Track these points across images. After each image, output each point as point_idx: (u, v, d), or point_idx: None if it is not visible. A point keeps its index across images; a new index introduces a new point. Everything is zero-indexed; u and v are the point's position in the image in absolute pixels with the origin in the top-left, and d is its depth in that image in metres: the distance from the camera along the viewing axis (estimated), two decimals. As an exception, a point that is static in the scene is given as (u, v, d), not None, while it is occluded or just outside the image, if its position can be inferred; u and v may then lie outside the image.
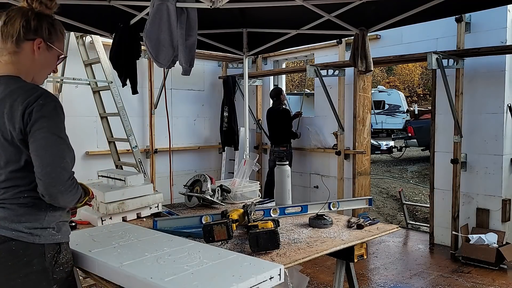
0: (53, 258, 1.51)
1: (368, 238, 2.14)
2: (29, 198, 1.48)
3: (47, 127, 1.41)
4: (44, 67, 1.60)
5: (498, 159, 4.71)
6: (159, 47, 2.50)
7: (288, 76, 14.89)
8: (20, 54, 1.54)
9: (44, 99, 1.44)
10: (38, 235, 1.48)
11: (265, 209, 2.50)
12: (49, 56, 1.60)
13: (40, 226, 1.49)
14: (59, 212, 1.56)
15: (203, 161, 7.00)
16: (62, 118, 1.48)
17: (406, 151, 13.49)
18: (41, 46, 1.56)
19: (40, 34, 1.55)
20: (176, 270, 1.49)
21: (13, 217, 1.46)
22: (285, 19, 3.65)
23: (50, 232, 1.51)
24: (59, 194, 1.43)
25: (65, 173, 1.43)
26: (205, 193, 2.82)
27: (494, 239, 4.47)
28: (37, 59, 1.56)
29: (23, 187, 1.48)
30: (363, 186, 5.91)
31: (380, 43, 5.67)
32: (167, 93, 6.01)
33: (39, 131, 1.40)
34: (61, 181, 1.42)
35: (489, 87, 4.72)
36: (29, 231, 1.46)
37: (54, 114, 1.44)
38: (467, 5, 3.20)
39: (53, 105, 1.45)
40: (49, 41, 1.57)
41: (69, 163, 1.45)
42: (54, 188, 1.41)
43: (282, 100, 6.29)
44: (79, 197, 1.57)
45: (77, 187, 1.52)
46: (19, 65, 1.54)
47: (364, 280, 4.15)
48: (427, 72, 24.41)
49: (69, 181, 1.45)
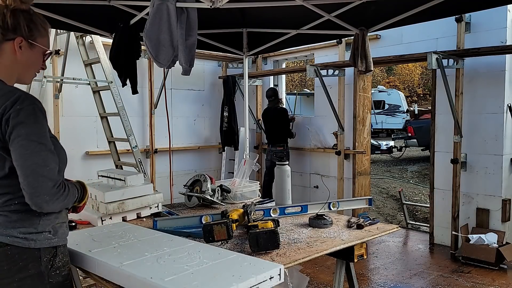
0: (49, 262, 1.48)
1: (368, 238, 2.14)
2: (19, 204, 1.43)
3: (25, 134, 1.34)
4: (28, 66, 1.52)
5: (498, 159, 4.72)
6: (159, 47, 2.50)
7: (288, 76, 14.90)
8: (1, 56, 1.46)
9: (21, 103, 1.36)
10: (34, 239, 1.45)
11: (265, 209, 2.50)
12: (33, 54, 1.51)
13: (35, 231, 1.46)
14: (55, 215, 1.51)
15: (203, 161, 7.00)
16: (42, 121, 1.39)
17: (406, 151, 13.49)
18: (23, 45, 1.47)
19: (19, 33, 1.46)
20: (176, 270, 1.48)
21: (7, 223, 1.43)
22: (285, 19, 3.65)
23: (46, 236, 1.48)
24: (44, 204, 1.38)
25: (48, 182, 1.36)
26: (205, 193, 2.81)
27: (494, 239, 4.47)
28: (19, 59, 1.48)
29: (11, 194, 1.43)
30: (363, 186, 5.92)
31: (380, 43, 5.67)
32: (167, 93, 6.01)
33: (18, 139, 1.34)
34: (44, 190, 1.36)
35: (489, 87, 4.72)
36: (24, 236, 1.43)
37: (32, 119, 1.36)
38: (467, 5, 3.20)
39: (31, 109, 1.37)
40: (30, 39, 1.48)
41: (52, 170, 1.39)
42: (38, 198, 1.36)
43: (280, 99, 6.30)
44: (72, 201, 1.53)
45: (66, 193, 1.45)
46: (1, 69, 1.47)
47: (364, 280, 4.15)
48: (427, 72, 24.41)
49: (54, 189, 1.39)
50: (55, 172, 1.40)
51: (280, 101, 6.31)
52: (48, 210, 1.43)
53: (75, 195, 1.55)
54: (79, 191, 1.61)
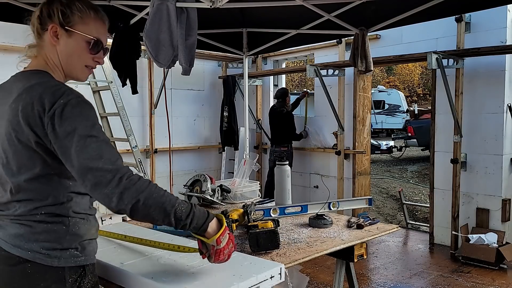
0: (75, 283, 1.29)
1: (368, 238, 2.14)
2: (46, 215, 1.26)
3: (72, 130, 1.18)
4: (70, 57, 1.37)
5: (498, 159, 4.72)
6: (159, 47, 2.50)
7: (288, 76, 14.89)
8: (44, 46, 1.36)
9: (66, 96, 1.22)
10: (58, 256, 1.26)
11: (265, 209, 2.50)
12: (72, 43, 1.35)
13: (60, 247, 1.27)
14: (84, 230, 1.33)
15: (203, 161, 7.00)
16: (89, 113, 1.24)
17: (406, 151, 13.49)
18: (59, 33, 1.34)
19: (53, 19, 1.33)
20: (177, 270, 1.49)
21: (30, 235, 1.25)
22: (285, 19, 3.66)
23: (72, 253, 1.29)
24: (107, 199, 1.17)
25: (107, 174, 1.16)
26: (205, 193, 2.82)
27: (494, 239, 4.47)
28: (59, 49, 1.35)
29: (38, 202, 1.26)
30: (363, 186, 5.92)
31: (380, 43, 5.67)
32: (167, 93, 6.00)
33: (67, 138, 1.18)
34: (103, 184, 1.16)
35: (489, 87, 4.73)
36: (46, 252, 1.25)
37: (78, 112, 1.21)
38: (467, 5, 3.20)
39: (75, 102, 1.22)
40: (67, 25, 1.34)
41: (109, 160, 1.19)
42: (100, 193, 1.17)
43: (287, 103, 6.24)
44: (161, 202, 1.22)
45: (136, 184, 1.19)
46: (45, 59, 1.36)
47: (364, 280, 4.15)
48: (427, 72, 24.41)
49: (115, 180, 1.16)
50: (114, 162, 1.19)
51: (287, 103, 6.24)
52: (121, 207, 1.18)
53: (174, 201, 1.24)
54: (192, 211, 1.28)
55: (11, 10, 2.98)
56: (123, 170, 1.19)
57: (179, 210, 1.24)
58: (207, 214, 1.33)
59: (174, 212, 1.23)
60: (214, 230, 1.33)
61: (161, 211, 1.22)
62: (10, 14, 3.10)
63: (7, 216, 1.29)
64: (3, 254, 1.27)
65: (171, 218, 1.23)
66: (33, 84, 1.26)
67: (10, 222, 1.28)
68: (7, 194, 1.29)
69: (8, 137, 1.25)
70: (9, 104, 1.26)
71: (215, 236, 1.32)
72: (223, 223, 1.36)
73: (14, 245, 1.25)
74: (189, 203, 1.29)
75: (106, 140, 1.23)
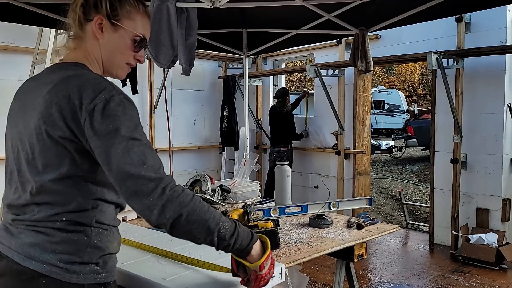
0: None
1: (368, 238, 2.14)
2: (67, 222, 1.13)
3: (114, 130, 1.07)
4: (113, 53, 1.25)
5: (498, 159, 4.72)
6: (159, 47, 2.50)
7: (288, 76, 14.89)
8: (85, 38, 1.24)
9: (109, 92, 1.10)
10: (76, 272, 1.12)
11: (265, 209, 2.50)
12: (117, 38, 1.24)
13: (79, 261, 1.13)
14: (106, 243, 1.19)
15: (203, 161, 7.01)
16: (132, 113, 1.12)
17: (406, 151, 13.49)
18: (104, 26, 1.22)
19: (99, 11, 1.22)
20: (177, 270, 1.49)
21: (46, 245, 1.11)
22: (285, 19, 3.65)
23: (92, 269, 1.14)
24: (147, 211, 1.06)
25: (149, 182, 1.05)
26: (205, 193, 2.82)
27: (494, 239, 4.47)
28: (101, 43, 1.24)
29: (60, 207, 1.12)
30: (363, 186, 5.92)
31: (380, 43, 5.67)
32: (167, 93, 6.01)
33: (106, 137, 1.06)
34: (145, 194, 1.05)
35: (489, 87, 4.73)
36: (64, 266, 1.11)
37: (121, 111, 1.09)
38: (467, 5, 3.20)
39: (118, 100, 1.10)
40: (113, 19, 1.22)
41: (151, 167, 1.07)
42: (140, 204, 1.06)
43: (287, 103, 6.24)
44: (206, 219, 1.10)
45: (186, 198, 1.09)
46: (85, 51, 1.24)
47: (364, 280, 4.15)
48: (427, 72, 24.41)
49: (158, 190, 1.05)
50: (157, 170, 1.08)
51: (287, 103, 6.24)
52: (162, 221, 1.07)
53: (218, 219, 1.13)
54: (236, 231, 1.16)
55: (11, 10, 2.98)
56: (167, 180, 1.08)
57: (223, 228, 1.13)
58: (251, 235, 1.20)
59: (218, 230, 1.12)
60: (258, 254, 1.21)
61: (204, 229, 1.10)
62: (10, 14, 3.10)
63: (22, 221, 1.15)
64: (14, 268, 1.12)
65: (214, 237, 1.12)
66: (71, 75, 1.15)
67: (25, 229, 1.14)
68: (27, 194, 1.15)
69: (38, 130, 1.12)
70: (43, 95, 1.13)
71: (259, 261, 1.20)
72: (267, 246, 1.22)
73: (28, 256, 1.11)
74: (233, 221, 1.17)
75: (149, 144, 1.12)
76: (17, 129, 1.20)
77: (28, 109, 1.17)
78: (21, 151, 1.17)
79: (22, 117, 1.19)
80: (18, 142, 1.18)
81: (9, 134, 1.25)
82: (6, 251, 1.14)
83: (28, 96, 1.20)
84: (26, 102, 1.20)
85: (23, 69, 4.65)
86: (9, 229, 1.17)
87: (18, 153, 1.18)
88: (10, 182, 1.22)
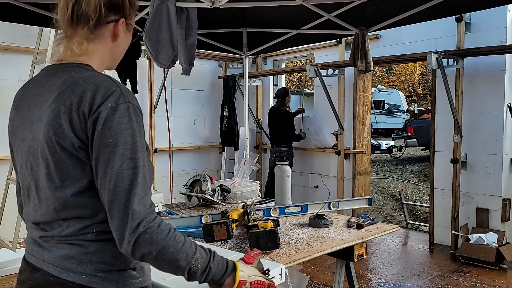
0: None
1: (368, 238, 2.14)
2: (98, 233, 1.08)
3: (114, 145, 1.01)
4: (122, 51, 1.22)
5: (498, 159, 4.72)
6: (159, 46, 2.50)
7: (288, 75, 14.91)
8: (97, 41, 1.14)
9: (116, 99, 1.03)
10: (115, 280, 1.09)
11: (265, 209, 2.50)
12: (127, 38, 1.21)
13: (117, 268, 1.10)
14: None
15: (203, 161, 7.01)
16: (136, 126, 1.05)
17: (406, 151, 13.49)
18: (122, 27, 1.17)
19: (123, 12, 1.15)
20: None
21: (82, 256, 1.07)
22: (285, 19, 3.66)
23: (130, 275, 1.12)
24: (119, 238, 1.02)
25: (128, 212, 1.01)
26: (205, 193, 2.82)
27: (494, 238, 4.47)
28: (118, 45, 1.17)
29: (88, 220, 1.08)
30: (363, 186, 5.92)
31: (380, 43, 5.67)
32: (167, 93, 6.01)
33: (103, 150, 1.02)
34: (121, 223, 1.01)
35: (489, 86, 4.73)
36: (103, 275, 1.07)
37: (125, 122, 1.03)
38: (467, 5, 3.20)
39: (123, 109, 1.03)
40: (128, 19, 1.18)
41: (137, 195, 1.02)
42: (115, 230, 1.02)
43: (286, 102, 6.24)
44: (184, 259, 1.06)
45: (153, 234, 1.02)
46: (93, 55, 1.15)
47: (364, 280, 4.15)
48: (427, 72, 24.42)
49: (133, 224, 1.00)
50: (140, 199, 1.02)
51: (286, 103, 6.24)
52: (129, 254, 1.03)
53: (191, 258, 1.08)
54: (208, 267, 1.11)
55: (11, 10, 2.98)
56: (143, 215, 1.02)
57: (195, 266, 1.08)
58: (225, 269, 1.15)
59: (188, 269, 1.08)
60: (231, 285, 1.16)
61: (173, 267, 1.07)
62: (10, 14, 3.10)
63: (52, 237, 1.10)
64: (51, 280, 1.07)
65: (184, 274, 1.09)
66: (76, 79, 1.07)
67: (56, 243, 1.09)
68: (50, 210, 1.09)
69: (49, 143, 1.05)
70: (48, 104, 1.07)
71: None
72: (236, 278, 1.16)
73: (64, 269, 1.07)
74: (208, 254, 1.12)
75: (144, 164, 1.05)
76: (25, 142, 1.13)
77: (35, 120, 1.10)
78: (35, 166, 1.11)
79: (30, 129, 1.11)
80: (30, 157, 1.11)
81: (17, 148, 1.17)
82: (40, 264, 1.10)
83: (32, 105, 1.13)
84: (31, 112, 1.12)
85: (23, 69, 4.65)
86: (39, 243, 1.13)
87: (32, 168, 1.12)
88: (28, 198, 1.17)
